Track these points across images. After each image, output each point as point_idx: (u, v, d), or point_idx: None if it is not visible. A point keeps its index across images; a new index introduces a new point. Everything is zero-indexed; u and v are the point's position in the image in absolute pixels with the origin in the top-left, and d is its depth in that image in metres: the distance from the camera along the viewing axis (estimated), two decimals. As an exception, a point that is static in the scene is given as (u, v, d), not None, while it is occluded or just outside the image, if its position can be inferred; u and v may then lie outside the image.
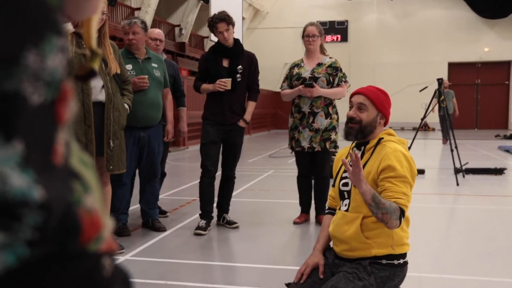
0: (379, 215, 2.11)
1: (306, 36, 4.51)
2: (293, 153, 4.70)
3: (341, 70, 4.50)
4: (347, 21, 21.83)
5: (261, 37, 22.00)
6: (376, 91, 2.39)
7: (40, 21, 0.32)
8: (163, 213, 4.90)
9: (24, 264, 0.29)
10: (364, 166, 2.28)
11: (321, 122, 4.41)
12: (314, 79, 4.41)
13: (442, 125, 12.86)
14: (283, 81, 4.62)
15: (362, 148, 2.36)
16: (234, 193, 4.72)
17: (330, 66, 4.48)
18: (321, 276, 2.30)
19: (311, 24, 4.55)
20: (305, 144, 4.44)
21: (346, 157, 2.38)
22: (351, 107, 2.38)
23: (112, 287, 0.34)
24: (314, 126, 4.41)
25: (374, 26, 21.71)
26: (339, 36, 21.80)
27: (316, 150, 4.43)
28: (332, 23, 21.74)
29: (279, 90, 4.77)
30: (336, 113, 4.52)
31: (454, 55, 21.18)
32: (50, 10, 0.33)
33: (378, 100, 2.36)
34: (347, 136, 2.37)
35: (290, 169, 7.98)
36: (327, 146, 4.42)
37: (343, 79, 4.47)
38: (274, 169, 8.35)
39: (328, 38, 21.04)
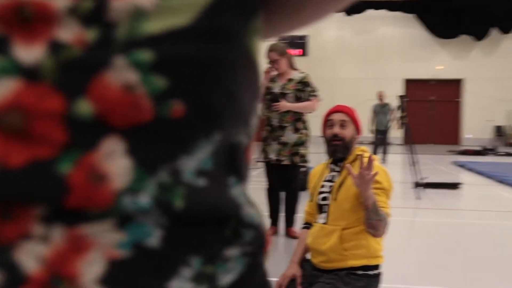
0: (373, 221, 2.19)
1: (269, 62, 4.60)
2: (259, 164, 4.77)
3: (310, 84, 4.59)
4: (307, 35, 22.22)
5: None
6: (351, 109, 2.51)
7: (257, 91, 0.42)
8: None
9: (245, 271, 0.39)
10: (343, 181, 2.38)
11: (289, 136, 4.51)
12: (283, 95, 4.51)
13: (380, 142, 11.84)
14: None
15: (340, 164, 2.46)
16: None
17: (300, 81, 4.57)
18: (299, 287, 2.38)
19: (270, 49, 4.56)
20: (272, 156, 4.54)
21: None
22: (330, 126, 2.46)
23: None
24: (282, 139, 4.51)
25: (334, 41, 22.19)
26: (299, 50, 22.15)
27: (284, 163, 4.53)
28: (292, 37, 22.08)
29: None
30: (306, 128, 4.61)
31: (409, 72, 21.87)
32: (260, 78, 0.43)
33: (355, 117, 2.48)
34: (334, 154, 2.44)
35: (255, 181, 8.04)
36: (296, 160, 4.52)
37: (313, 94, 4.56)
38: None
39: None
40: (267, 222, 4.75)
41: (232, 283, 0.38)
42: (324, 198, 2.46)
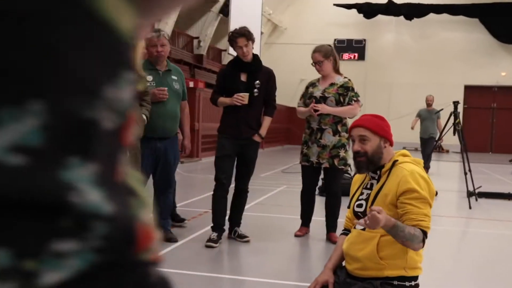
0: (399, 241, 2.18)
1: (313, 63, 4.58)
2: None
3: (352, 89, 4.55)
4: (365, 39, 21.90)
5: (278, 52, 22.11)
6: (371, 119, 2.42)
7: (117, 60, 0.36)
8: (181, 221, 5.00)
9: (91, 269, 0.33)
10: (380, 188, 2.31)
11: (329, 138, 4.47)
12: (324, 98, 4.48)
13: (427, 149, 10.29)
14: (300, 99, 4.71)
15: (378, 172, 2.39)
16: (245, 207, 4.74)
17: (342, 86, 4.54)
18: (330, 294, 2.31)
19: (315, 50, 4.57)
20: (313, 159, 4.51)
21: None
22: (353, 141, 2.42)
23: None
24: (321, 142, 4.48)
25: (392, 45, 21.74)
26: (356, 54, 21.87)
27: (323, 166, 4.50)
28: (350, 41, 21.83)
29: (294, 106, 4.87)
30: (346, 131, 4.54)
31: (470, 78, 21.11)
32: (125, 48, 0.37)
33: (377, 127, 2.38)
34: (359, 170, 2.42)
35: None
36: (336, 163, 4.47)
37: (354, 98, 4.52)
38: (287, 185, 8.36)
39: (346, 56, 21.12)
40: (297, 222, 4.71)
41: (68, 281, 0.33)
42: (360, 205, 2.40)
